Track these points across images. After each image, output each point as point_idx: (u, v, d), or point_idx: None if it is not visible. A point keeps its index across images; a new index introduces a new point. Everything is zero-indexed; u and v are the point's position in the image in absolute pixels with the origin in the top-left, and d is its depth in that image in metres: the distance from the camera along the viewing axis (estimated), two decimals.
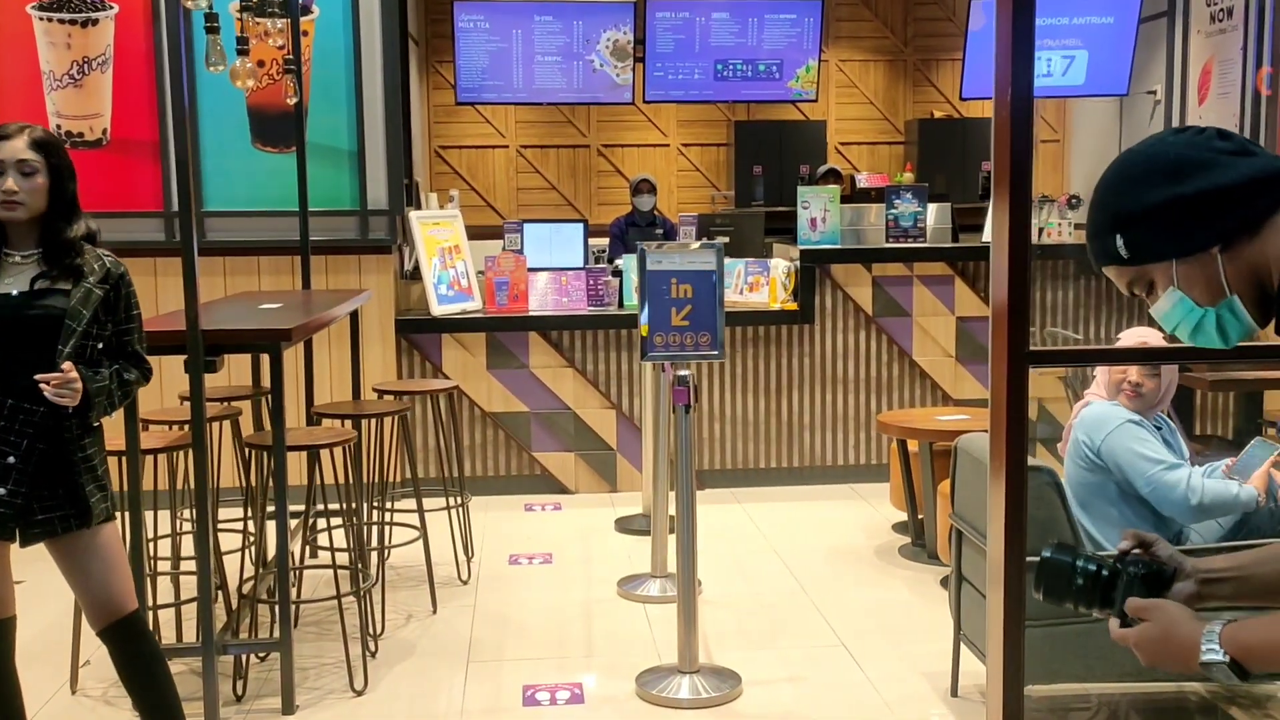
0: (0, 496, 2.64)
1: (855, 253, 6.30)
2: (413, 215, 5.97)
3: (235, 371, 4.96)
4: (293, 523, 4.33)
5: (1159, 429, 3.50)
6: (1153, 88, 7.14)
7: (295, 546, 4.51)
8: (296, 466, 4.24)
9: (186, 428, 3.94)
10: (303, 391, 4.98)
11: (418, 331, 5.95)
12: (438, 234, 6.04)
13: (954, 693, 3.50)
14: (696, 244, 3.56)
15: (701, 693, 3.54)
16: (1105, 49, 6.72)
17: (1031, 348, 2.37)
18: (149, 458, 3.54)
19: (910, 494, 5.02)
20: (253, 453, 3.71)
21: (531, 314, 6.01)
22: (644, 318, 3.59)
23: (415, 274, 6.17)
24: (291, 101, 4.87)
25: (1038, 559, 1.63)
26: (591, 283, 6.16)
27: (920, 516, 5.01)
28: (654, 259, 3.56)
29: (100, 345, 2.75)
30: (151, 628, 3.50)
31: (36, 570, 4.78)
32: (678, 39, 6.75)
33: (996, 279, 2.41)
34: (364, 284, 5.88)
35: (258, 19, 4.18)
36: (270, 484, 4.05)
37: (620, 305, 6.15)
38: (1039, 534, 2.96)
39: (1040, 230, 6.61)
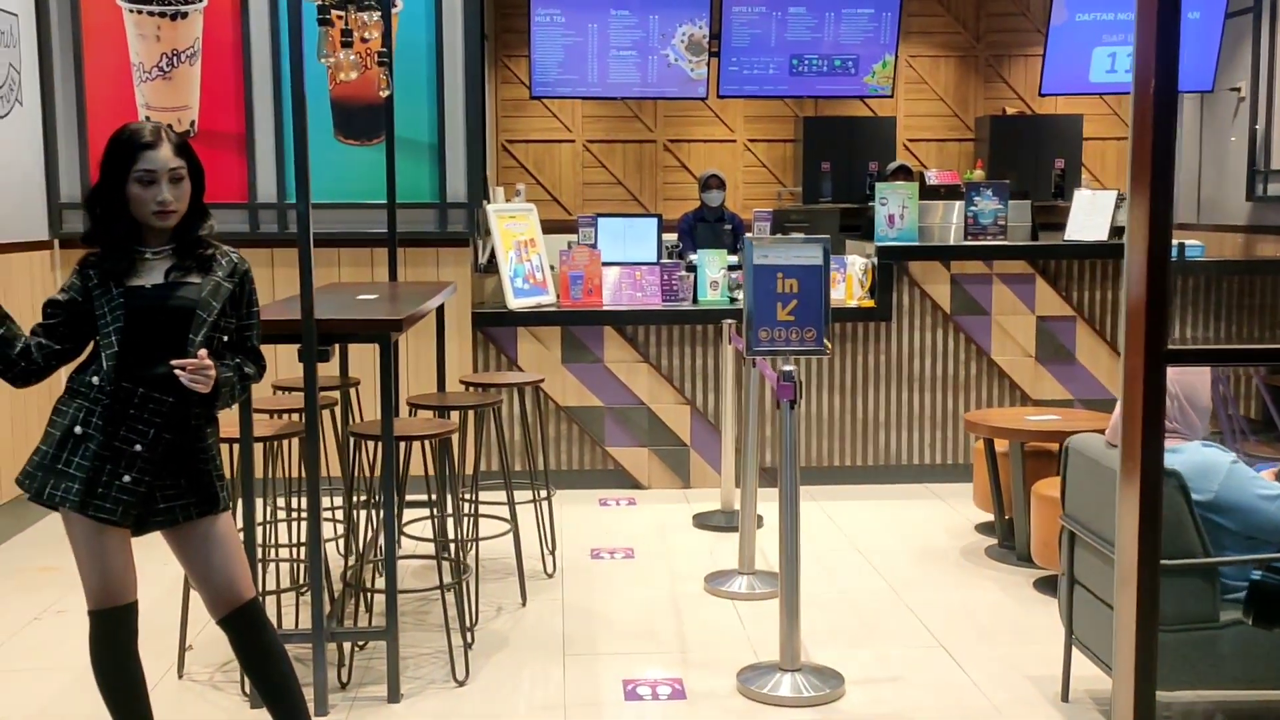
0: (125, 484, 2.66)
1: (934, 250, 6.25)
2: (490, 208, 5.98)
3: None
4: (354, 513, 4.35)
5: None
6: (1237, 84, 7.02)
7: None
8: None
9: (288, 416, 3.98)
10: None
11: (493, 325, 5.97)
12: (514, 227, 6.05)
13: (1064, 697, 3.45)
14: (804, 238, 3.53)
15: (804, 691, 3.52)
16: (1190, 44, 6.62)
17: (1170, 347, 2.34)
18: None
19: (997, 494, 4.96)
20: (358, 442, 3.72)
21: (606, 309, 6.01)
22: (749, 312, 3.56)
23: (490, 267, 6.19)
24: (384, 95, 4.88)
25: (1246, 583, 1.58)
26: (666, 278, 6.15)
27: (1007, 517, 4.95)
28: (761, 253, 3.54)
29: (225, 338, 2.77)
30: None
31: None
32: (753, 33, 6.71)
33: (1133, 275, 2.37)
34: (441, 276, 5.90)
35: (356, 12, 4.19)
36: (362, 473, 4.08)
37: (694, 301, 6.13)
38: (1165, 538, 2.91)
39: (1124, 229, 6.52)
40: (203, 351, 2.65)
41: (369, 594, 3.90)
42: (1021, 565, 4.74)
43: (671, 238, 7.28)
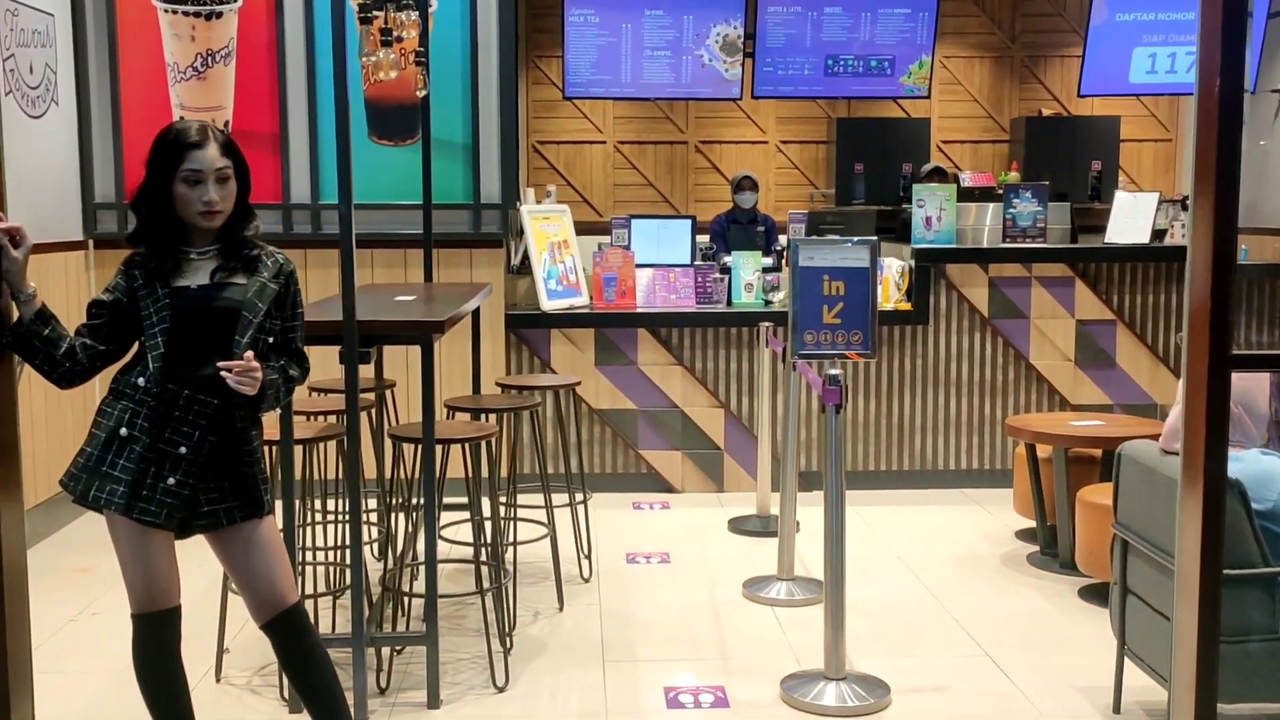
0: (169, 486, 2.63)
1: (972, 252, 6.17)
2: (524, 209, 5.95)
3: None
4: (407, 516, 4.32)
5: None
6: (1279, 86, 6.91)
7: (421, 540, 4.50)
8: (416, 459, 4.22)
9: (323, 418, 3.95)
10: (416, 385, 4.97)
11: (527, 326, 5.93)
12: (547, 228, 6.01)
13: (1116, 709, 3.38)
14: (851, 240, 3.47)
15: (849, 700, 3.46)
16: None
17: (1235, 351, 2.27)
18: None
19: (1039, 501, 4.89)
20: (398, 445, 3.69)
21: (640, 311, 5.96)
22: (794, 314, 3.51)
23: (522, 268, 6.16)
24: (421, 94, 4.85)
25: None
26: (700, 280, 6.10)
27: (1050, 524, 4.87)
28: (807, 254, 3.48)
29: (270, 340, 2.74)
30: None
31: None
32: (789, 34, 6.66)
33: (1196, 278, 2.30)
34: (475, 277, 5.87)
35: (395, 11, 4.16)
36: (396, 476, 4.04)
37: (728, 303, 6.08)
38: (1225, 547, 2.84)
39: (1164, 231, 6.44)
40: (249, 353, 2.62)
41: (407, 598, 3.86)
42: (1065, 573, 4.67)
43: (704, 239, 7.23)
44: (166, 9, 5.75)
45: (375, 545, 4.66)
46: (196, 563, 4.71)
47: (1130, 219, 6.16)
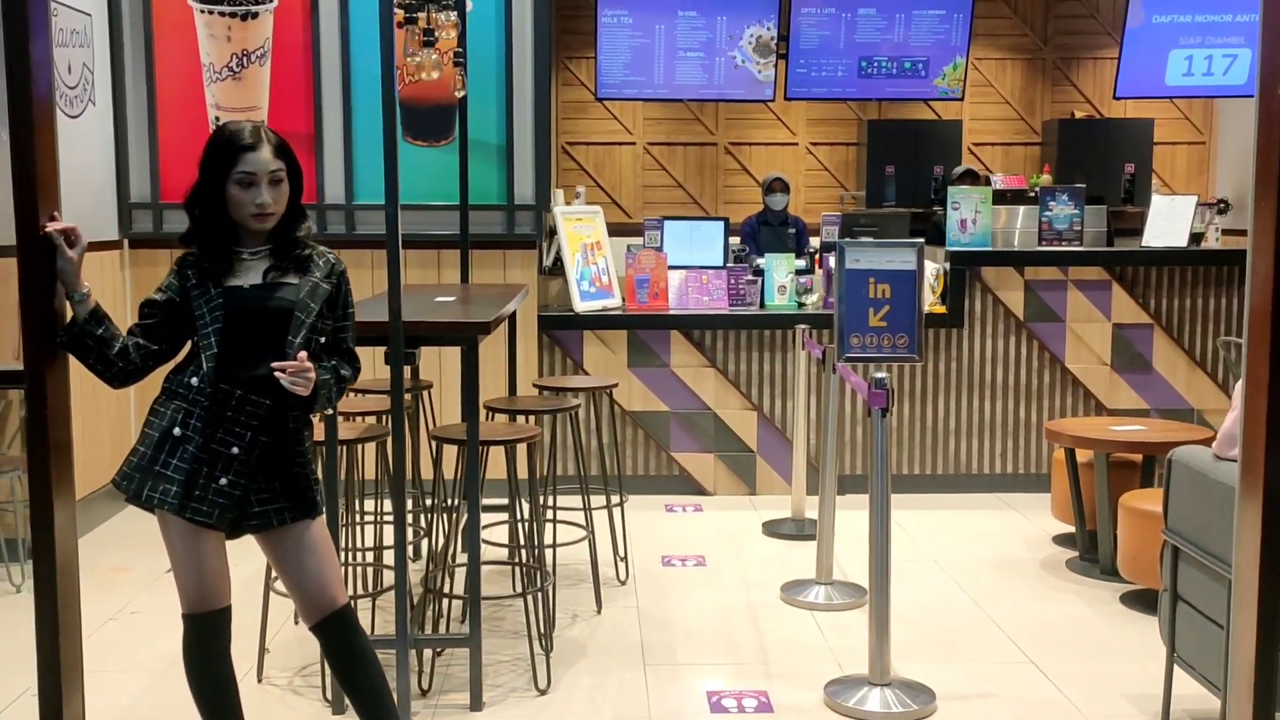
0: (221, 487, 2.63)
1: (1008, 255, 6.13)
2: (557, 210, 5.94)
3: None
4: (461, 517, 4.31)
5: None
6: None
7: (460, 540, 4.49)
8: (454, 461, 4.21)
9: (360, 419, 3.94)
10: (449, 386, 4.97)
11: (559, 328, 5.92)
12: (580, 230, 6.00)
13: (1165, 717, 3.34)
14: (897, 242, 3.45)
15: (893, 706, 3.43)
16: None
17: None
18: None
19: (1079, 506, 4.84)
20: (439, 446, 3.68)
21: (673, 313, 5.94)
22: (840, 317, 3.48)
23: (554, 270, 6.15)
24: (460, 95, 4.85)
25: None
26: (732, 282, 6.08)
27: (1089, 529, 4.83)
28: (853, 257, 3.46)
29: (322, 340, 2.73)
30: None
31: None
32: (822, 35, 6.63)
33: (1258, 281, 2.27)
34: (508, 278, 5.86)
35: (435, 12, 4.15)
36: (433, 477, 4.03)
37: (761, 305, 6.05)
38: None
39: (1201, 235, 6.38)
40: (302, 354, 2.61)
41: (447, 600, 3.85)
42: (1105, 579, 4.62)
43: (735, 241, 7.20)
44: (202, 9, 5.76)
45: (411, 546, 4.65)
46: (234, 564, 4.72)
47: (1168, 222, 6.10)
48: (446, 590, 3.83)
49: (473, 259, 5.66)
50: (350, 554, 4.03)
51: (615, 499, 4.71)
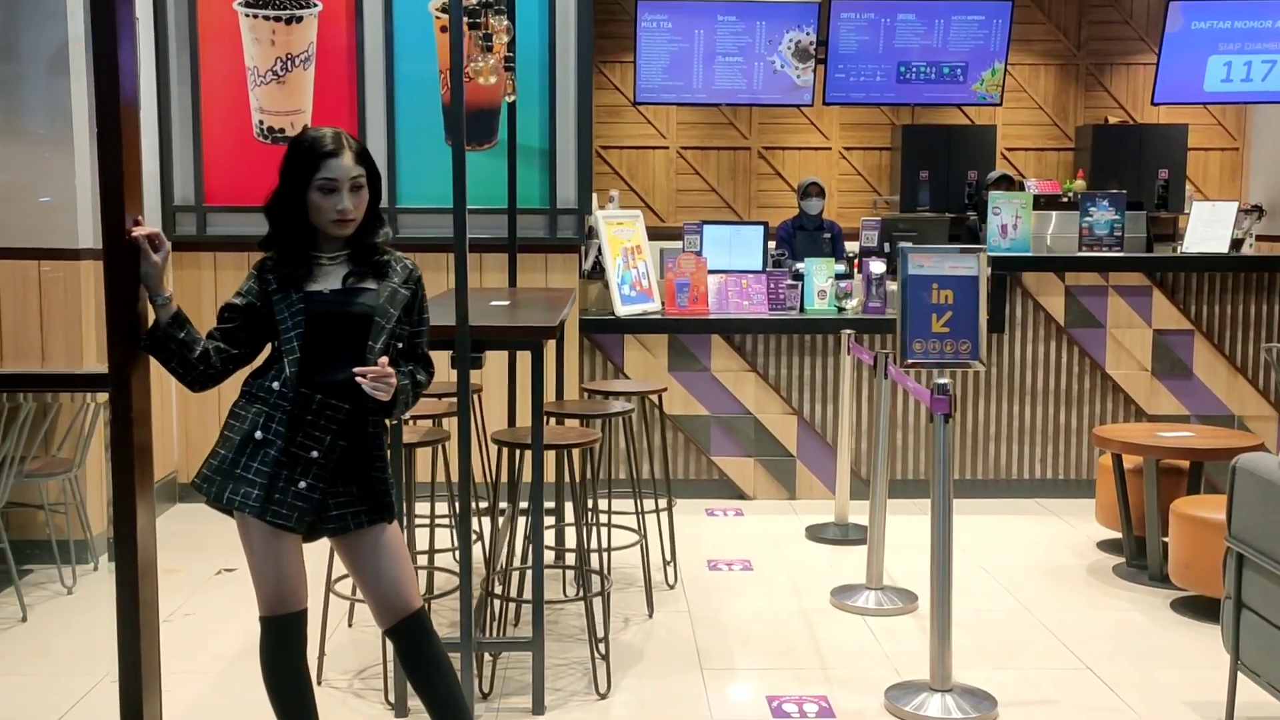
0: (300, 490, 2.64)
1: (1048, 261, 6.12)
2: (599, 214, 5.95)
3: None
4: (511, 520, 4.33)
5: None
6: None
7: (507, 544, 4.51)
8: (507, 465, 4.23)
9: (414, 422, 3.96)
10: (502, 390, 4.98)
11: (600, 331, 5.93)
12: (621, 234, 6.01)
13: None
14: (959, 248, 3.45)
15: (954, 712, 3.43)
16: None
17: None
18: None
19: (1125, 512, 4.84)
20: (502, 450, 3.69)
21: (714, 317, 5.95)
22: (902, 323, 3.49)
23: (593, 273, 6.16)
24: (510, 100, 4.86)
25: None
26: (772, 286, 6.09)
27: (1137, 536, 4.82)
28: (915, 263, 3.46)
29: (400, 345, 2.75)
30: None
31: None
32: (861, 40, 6.63)
33: None
34: (549, 282, 5.88)
35: (494, 16, 4.17)
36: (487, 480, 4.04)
37: (801, 310, 6.06)
38: None
39: (1241, 240, 6.37)
40: (383, 359, 2.62)
41: (506, 603, 3.86)
42: (1155, 585, 4.61)
43: (770, 245, 7.20)
44: (247, 13, 5.79)
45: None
46: None
47: (1209, 228, 6.09)
48: (500, 593, 3.84)
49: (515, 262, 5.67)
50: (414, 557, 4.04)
51: (663, 503, 4.72)
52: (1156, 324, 6.02)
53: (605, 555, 4.17)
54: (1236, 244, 6.33)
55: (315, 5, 5.79)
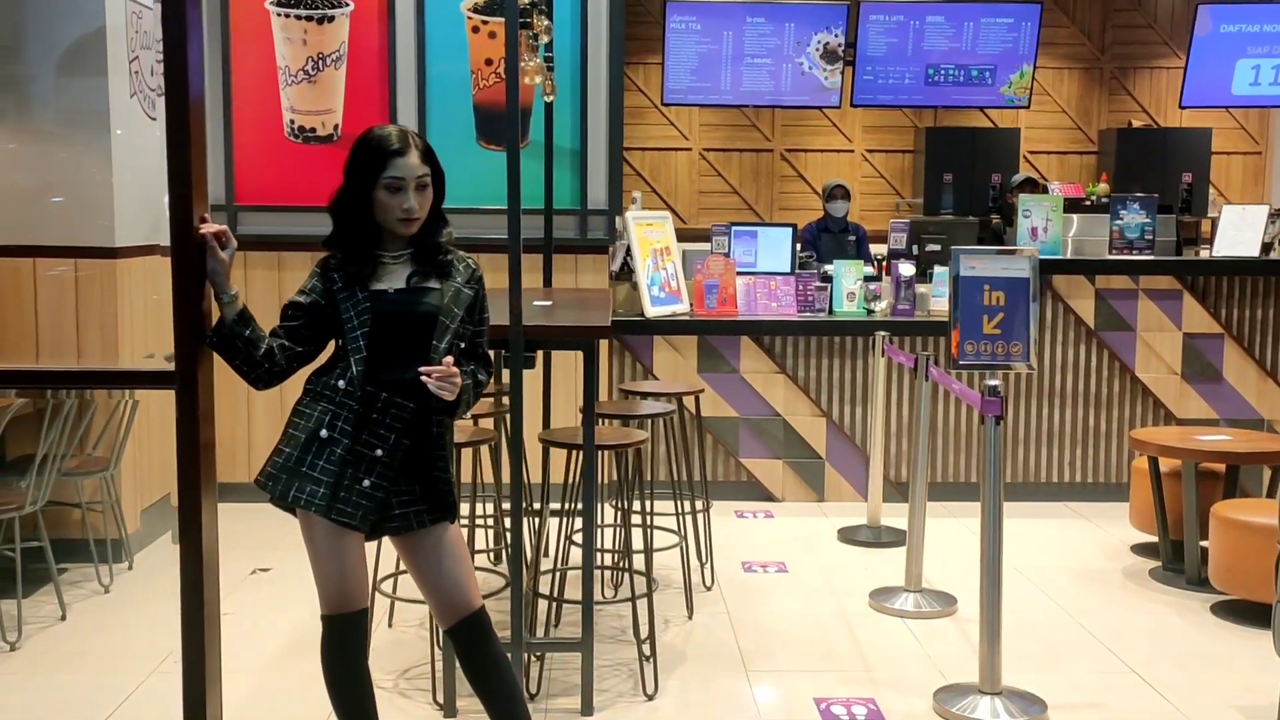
0: (364, 489, 2.64)
1: (1079, 264, 6.11)
2: (629, 215, 5.94)
3: None
4: (546, 521, 4.32)
5: None
6: None
7: (549, 544, 4.50)
8: (549, 465, 4.23)
9: (468, 423, 3.95)
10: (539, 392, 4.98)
11: (629, 333, 5.92)
12: (651, 235, 6.00)
13: None
14: (1012, 249, 3.44)
15: (1004, 715, 3.42)
16: None
17: None
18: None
19: (1161, 515, 4.83)
20: (549, 450, 3.68)
21: (743, 318, 5.94)
22: (954, 324, 3.48)
23: (620, 274, 6.16)
24: (549, 99, 4.86)
25: None
26: (801, 288, 6.08)
27: (1173, 539, 4.81)
28: (967, 264, 3.45)
29: (461, 344, 2.74)
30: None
31: (281, 559, 4.87)
32: (890, 42, 6.63)
33: None
34: (579, 283, 5.87)
35: (537, 16, 4.17)
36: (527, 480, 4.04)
37: (830, 312, 6.05)
38: None
39: (1270, 244, 6.36)
40: (448, 359, 2.62)
41: (552, 604, 3.86)
42: (1193, 589, 4.61)
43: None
44: (279, 12, 5.79)
45: (496, 551, 4.67)
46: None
47: (1239, 232, 6.09)
48: (546, 594, 3.83)
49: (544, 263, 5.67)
50: None
51: (700, 504, 4.71)
52: (1187, 327, 6.01)
53: (648, 556, 4.16)
54: (1267, 247, 6.31)
55: (347, 5, 5.79)
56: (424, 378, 2.58)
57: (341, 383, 2.63)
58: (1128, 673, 3.82)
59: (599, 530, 4.52)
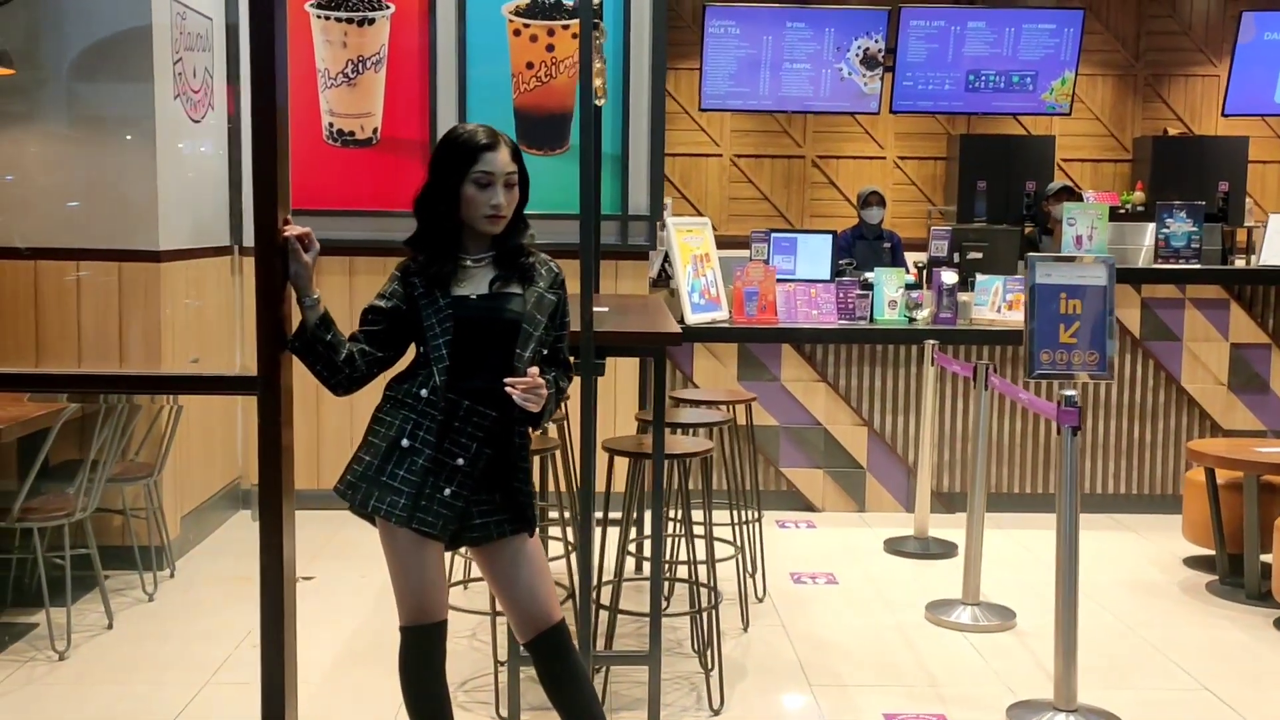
0: (445, 498, 2.57)
1: (1125, 273, 6.03)
2: (670, 221, 5.89)
3: None
4: (607, 531, 4.25)
5: None
6: None
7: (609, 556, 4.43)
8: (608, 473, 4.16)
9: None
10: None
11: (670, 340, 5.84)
12: (691, 241, 5.94)
13: None
14: (1091, 256, 3.38)
15: None
16: None
17: None
18: None
19: (1219, 528, 4.76)
20: (613, 459, 3.62)
21: (784, 326, 5.87)
22: (1031, 333, 3.42)
23: (658, 281, 6.10)
24: (600, 103, 4.80)
25: None
26: (841, 295, 6.01)
27: (1231, 552, 4.74)
28: (1044, 271, 3.39)
29: (544, 351, 2.68)
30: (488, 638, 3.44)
31: (324, 568, 4.80)
32: (930, 48, 6.57)
33: None
34: (619, 289, 5.81)
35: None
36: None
37: (871, 320, 5.98)
38: None
39: None
40: (534, 369, 2.55)
41: (614, 615, 3.79)
42: (1254, 603, 4.53)
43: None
44: (319, 15, 5.74)
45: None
46: (360, 574, 4.66)
47: None
48: (609, 605, 3.76)
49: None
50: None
51: (751, 514, 4.64)
52: (1233, 338, 5.94)
53: (711, 568, 4.09)
54: None
55: (388, 7, 5.74)
56: (509, 389, 2.52)
57: (424, 391, 2.56)
58: (1199, 689, 3.74)
59: (650, 540, 4.47)
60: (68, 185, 4.78)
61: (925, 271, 6.42)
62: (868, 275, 6.25)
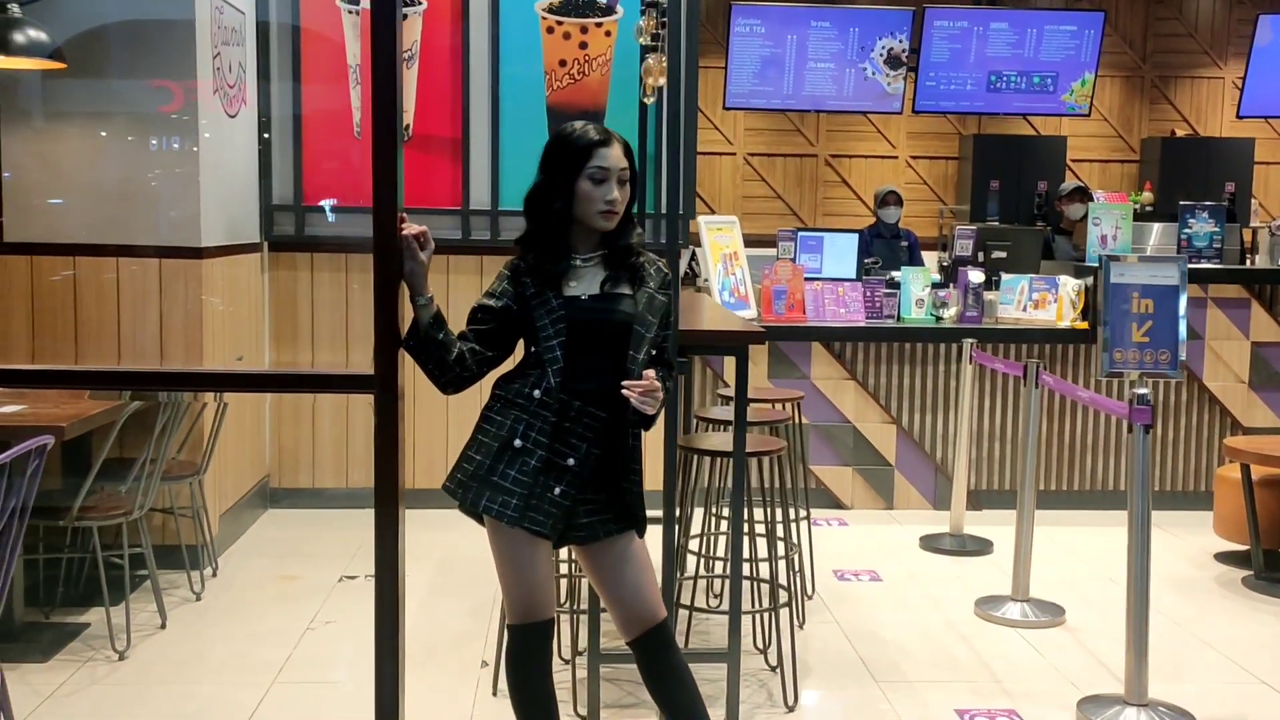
0: (554, 497, 2.57)
1: None
2: (701, 220, 5.89)
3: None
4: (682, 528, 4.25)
5: None
6: None
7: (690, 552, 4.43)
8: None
9: None
10: None
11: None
12: (721, 239, 5.95)
13: None
14: (1161, 257, 3.42)
15: None
16: None
17: None
18: None
19: (1254, 523, 4.83)
20: (689, 458, 3.63)
21: (813, 324, 5.90)
22: (1104, 332, 3.45)
23: (685, 280, 6.09)
24: (649, 101, 4.79)
25: None
26: (868, 294, 6.05)
27: (1266, 548, 4.81)
28: (1117, 271, 3.43)
29: (654, 352, 2.68)
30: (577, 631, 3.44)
31: (369, 566, 4.77)
32: (953, 48, 6.62)
33: None
34: None
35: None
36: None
37: (898, 318, 6.02)
38: None
39: None
40: (649, 372, 2.55)
41: (691, 613, 3.80)
42: None
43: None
44: (350, 9, 5.70)
45: None
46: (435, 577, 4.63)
47: None
48: (687, 604, 3.76)
49: None
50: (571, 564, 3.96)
51: (802, 512, 4.66)
52: (1255, 336, 6.03)
53: (774, 565, 4.10)
54: None
55: (420, 3, 5.71)
56: (626, 392, 2.52)
57: (537, 392, 2.56)
58: (1258, 683, 3.80)
59: (708, 539, 4.48)
60: (110, 181, 4.72)
61: (949, 270, 6.47)
62: (894, 274, 6.29)
